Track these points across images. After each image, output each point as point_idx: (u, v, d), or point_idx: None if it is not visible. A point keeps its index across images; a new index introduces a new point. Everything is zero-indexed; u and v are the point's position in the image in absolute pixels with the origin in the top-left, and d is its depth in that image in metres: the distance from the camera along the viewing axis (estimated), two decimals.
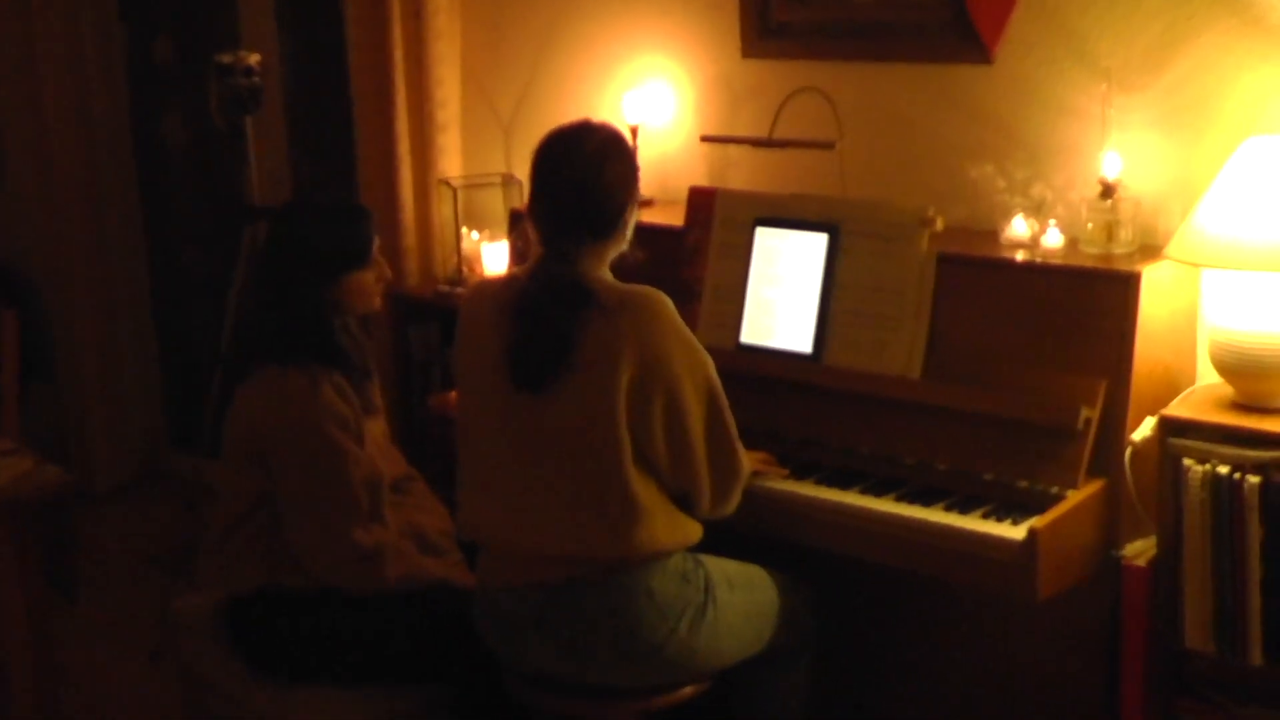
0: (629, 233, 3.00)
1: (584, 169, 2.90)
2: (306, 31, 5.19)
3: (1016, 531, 2.85)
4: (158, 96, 5.87)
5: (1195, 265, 2.92)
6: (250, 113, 4.53)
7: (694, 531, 2.95)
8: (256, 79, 4.48)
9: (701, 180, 3.88)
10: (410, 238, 4.44)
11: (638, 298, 2.85)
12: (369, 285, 3.27)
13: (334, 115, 4.94)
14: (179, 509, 4.95)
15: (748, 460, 3.01)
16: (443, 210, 4.39)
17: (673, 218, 3.66)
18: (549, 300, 2.86)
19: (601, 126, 2.99)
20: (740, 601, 2.99)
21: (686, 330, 2.88)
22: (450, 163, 4.43)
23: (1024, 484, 2.99)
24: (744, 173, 3.88)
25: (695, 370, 2.87)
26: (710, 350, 3.19)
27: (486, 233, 4.25)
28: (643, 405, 2.81)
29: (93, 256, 5.83)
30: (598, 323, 2.83)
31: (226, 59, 4.45)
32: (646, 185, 3.96)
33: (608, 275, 2.96)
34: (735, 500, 2.99)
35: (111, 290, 5.93)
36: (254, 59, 4.47)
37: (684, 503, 2.94)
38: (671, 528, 2.90)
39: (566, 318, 2.83)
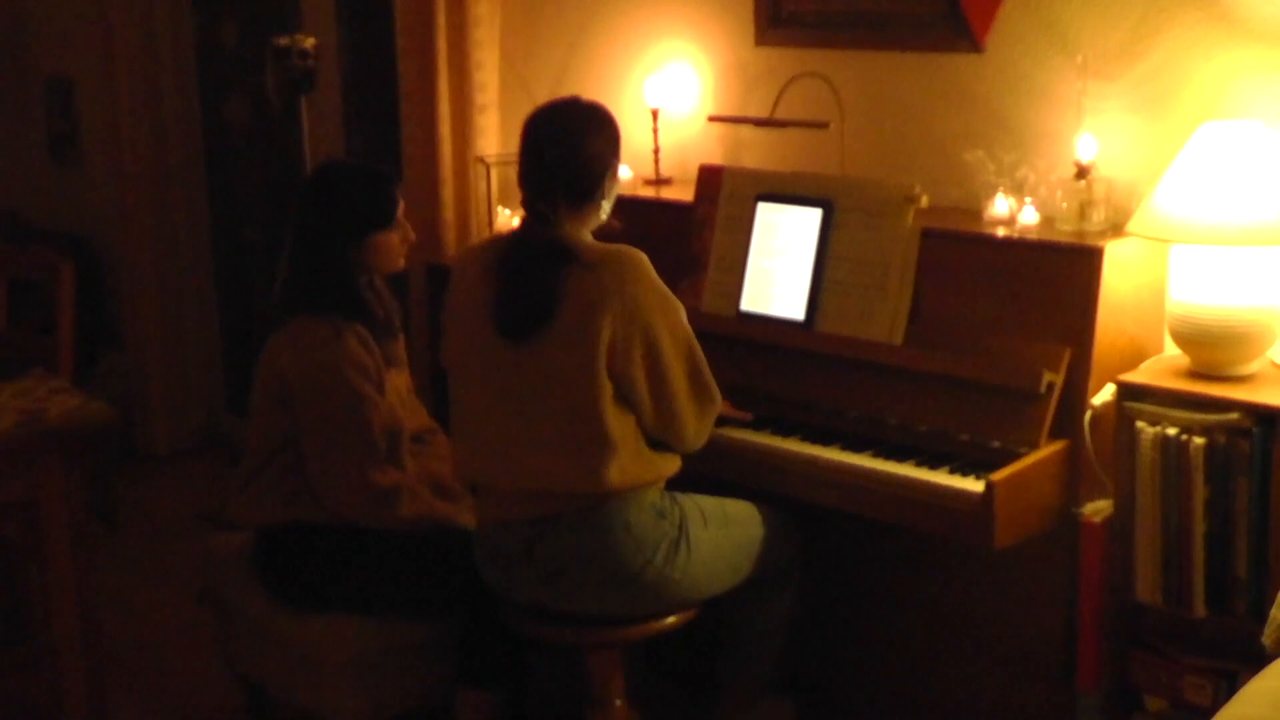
0: (608, 202, 3.20)
1: (567, 141, 3.12)
2: (362, 18, 5.42)
3: (977, 485, 3.03)
4: (223, 78, 6.12)
5: (1153, 240, 3.08)
6: (305, 94, 4.63)
7: (667, 466, 3.14)
8: (311, 61, 4.56)
9: (716, 160, 4.07)
10: (449, 211, 4.62)
11: (617, 255, 3.04)
12: (393, 246, 3.46)
13: (384, 97, 5.13)
14: (226, 467, 5.19)
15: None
16: (479, 186, 4.59)
17: (687, 195, 3.84)
18: (533, 256, 3.06)
19: (587, 103, 3.21)
20: (715, 538, 3.17)
21: (662, 284, 3.06)
22: (489, 142, 4.61)
23: (996, 444, 3.15)
24: (755, 154, 4.06)
25: (671, 318, 3.06)
26: (712, 317, 3.40)
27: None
28: (624, 355, 2.99)
29: (160, 230, 6.06)
30: (579, 277, 3.02)
31: (283, 42, 4.54)
32: (665, 165, 4.19)
33: (589, 237, 3.16)
34: (710, 428, 3.20)
35: (176, 262, 6.16)
36: (309, 42, 4.55)
37: (659, 442, 3.12)
38: (644, 463, 3.08)
39: (550, 272, 3.02)
